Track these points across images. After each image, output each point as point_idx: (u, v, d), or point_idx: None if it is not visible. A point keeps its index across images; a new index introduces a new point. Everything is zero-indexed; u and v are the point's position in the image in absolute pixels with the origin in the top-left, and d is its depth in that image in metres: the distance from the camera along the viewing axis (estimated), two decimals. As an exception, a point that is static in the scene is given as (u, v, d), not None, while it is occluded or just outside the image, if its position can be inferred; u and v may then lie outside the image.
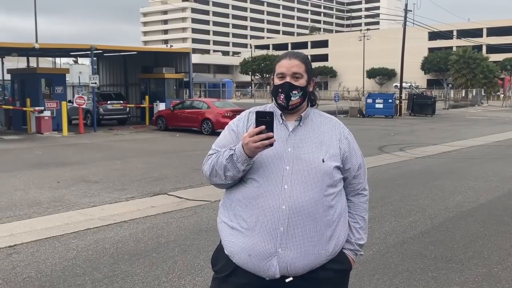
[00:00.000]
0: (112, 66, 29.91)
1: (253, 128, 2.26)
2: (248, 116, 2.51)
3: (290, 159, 2.36)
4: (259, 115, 2.29)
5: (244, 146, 2.28)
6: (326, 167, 2.38)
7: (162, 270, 5.10)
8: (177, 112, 22.12)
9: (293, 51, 2.51)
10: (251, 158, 2.31)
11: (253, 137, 2.24)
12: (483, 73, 59.10)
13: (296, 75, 2.42)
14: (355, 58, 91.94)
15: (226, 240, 2.43)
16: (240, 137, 2.37)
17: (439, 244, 5.94)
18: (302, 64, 2.44)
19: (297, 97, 2.41)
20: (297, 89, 2.41)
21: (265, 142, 2.23)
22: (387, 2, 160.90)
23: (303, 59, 2.46)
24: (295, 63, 2.43)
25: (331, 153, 2.42)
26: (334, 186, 2.42)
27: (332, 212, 2.40)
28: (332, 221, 2.41)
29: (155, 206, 8.00)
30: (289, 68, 2.42)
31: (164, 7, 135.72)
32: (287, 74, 2.42)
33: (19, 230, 6.59)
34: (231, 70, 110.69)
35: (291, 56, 2.45)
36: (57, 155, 14.44)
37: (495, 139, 18.63)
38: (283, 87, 2.41)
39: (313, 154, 2.38)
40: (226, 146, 2.42)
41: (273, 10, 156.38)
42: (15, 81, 24.09)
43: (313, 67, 2.58)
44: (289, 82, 2.41)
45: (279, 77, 2.44)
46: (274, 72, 2.49)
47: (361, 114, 33.26)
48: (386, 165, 12.31)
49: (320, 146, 2.42)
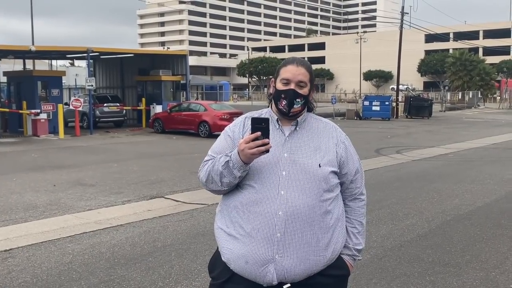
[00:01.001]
0: (108, 69, 29.87)
1: (249, 135, 2.25)
2: (244, 121, 2.50)
3: (287, 164, 2.35)
4: (255, 121, 2.28)
5: (240, 153, 2.27)
6: (322, 172, 2.37)
7: (158, 274, 5.07)
8: (174, 115, 22.09)
9: (299, 59, 2.49)
10: (247, 164, 2.30)
11: (249, 143, 2.23)
12: (479, 75, 59.18)
13: (301, 84, 2.41)
14: (352, 61, 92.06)
15: (223, 247, 2.42)
16: (236, 143, 2.36)
17: (436, 247, 5.92)
18: (307, 73, 2.44)
19: (299, 105, 2.41)
20: (300, 97, 2.40)
21: (261, 148, 2.22)
22: (384, 4, 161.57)
23: (309, 68, 2.46)
24: (301, 71, 2.42)
25: (327, 158, 2.41)
26: (331, 191, 2.40)
27: (329, 217, 2.39)
28: (330, 226, 2.39)
29: (152, 210, 7.97)
30: (295, 75, 2.40)
31: (161, 9, 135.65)
32: (292, 81, 2.40)
33: (15, 234, 6.55)
34: (228, 72, 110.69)
35: (298, 63, 2.43)
36: (53, 158, 14.39)
37: (492, 142, 18.66)
38: (287, 93, 2.39)
39: (309, 159, 2.37)
40: (222, 152, 2.41)
41: (270, 13, 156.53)
42: (11, 83, 24.04)
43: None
44: (294, 89, 2.39)
45: (284, 82, 2.42)
46: (277, 75, 2.46)
47: (358, 116, 33.28)
48: (383, 167, 12.30)
49: (316, 151, 2.41)
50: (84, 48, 22.87)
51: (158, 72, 26.04)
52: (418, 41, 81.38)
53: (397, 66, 37.97)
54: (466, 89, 58.17)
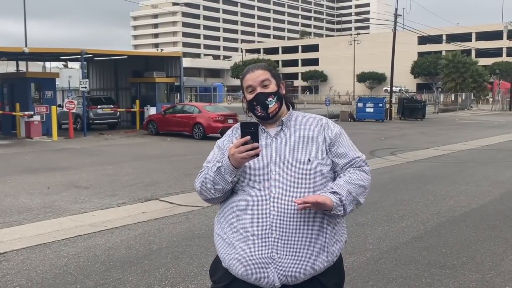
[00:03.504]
0: (102, 70, 29.78)
1: (239, 139, 2.28)
2: (232, 132, 2.56)
3: (276, 163, 2.37)
4: (244, 126, 2.32)
5: (230, 157, 2.30)
6: (312, 166, 2.37)
7: (154, 277, 5.04)
8: (168, 117, 22.04)
9: (253, 65, 2.54)
10: (238, 169, 2.33)
11: (239, 148, 2.26)
12: (472, 77, 59.43)
13: (264, 83, 2.45)
14: (346, 62, 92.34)
15: (222, 253, 2.43)
16: (226, 153, 2.39)
17: (432, 249, 5.93)
18: (265, 71, 2.48)
19: (273, 103, 2.43)
20: (270, 95, 2.43)
21: (250, 152, 2.25)
22: (377, 6, 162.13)
23: (264, 67, 2.51)
24: (258, 73, 2.46)
25: (316, 151, 2.41)
26: (325, 184, 2.38)
27: (324, 213, 2.35)
28: (326, 223, 2.38)
29: (147, 212, 7.94)
30: (255, 79, 2.45)
31: (154, 11, 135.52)
32: (255, 86, 2.45)
33: (9, 237, 6.51)
34: (222, 74, 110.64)
35: (253, 68, 2.50)
36: (47, 160, 14.32)
37: (485, 143, 18.74)
38: (256, 98, 2.43)
39: (298, 155, 2.38)
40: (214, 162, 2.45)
41: (263, 15, 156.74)
42: (4, 85, 23.87)
43: (303, 71, 2.61)
44: (260, 92, 2.43)
45: (249, 91, 2.47)
46: (243, 90, 2.51)
47: (352, 118, 33.35)
48: (377, 169, 12.30)
49: (304, 146, 2.41)
50: (77, 50, 22.79)
51: (152, 74, 25.99)
52: (411, 43, 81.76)
53: (391, 67, 38.07)
54: (459, 91, 58.36)
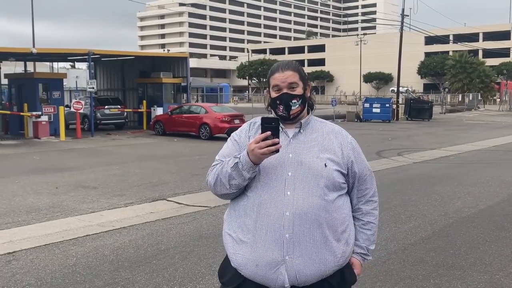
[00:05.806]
0: (109, 71, 29.87)
1: (259, 135, 2.25)
2: (249, 126, 2.52)
3: (292, 165, 2.35)
4: (265, 121, 2.29)
5: (249, 153, 2.26)
6: (328, 171, 2.36)
7: (163, 277, 5.07)
8: (174, 117, 22.09)
9: (283, 62, 2.50)
10: (257, 165, 2.29)
11: (259, 143, 2.22)
12: (479, 77, 59.19)
13: (292, 85, 2.42)
14: (352, 63, 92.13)
15: (231, 253, 2.41)
16: (243, 147, 2.37)
17: (440, 250, 5.92)
18: (295, 73, 2.43)
19: (297, 106, 2.41)
20: (296, 97, 2.41)
21: (271, 148, 2.22)
22: (384, 6, 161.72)
23: (295, 68, 2.46)
24: (288, 74, 2.42)
25: (333, 158, 2.41)
26: (337, 191, 2.40)
27: (336, 217, 2.38)
28: (338, 226, 2.39)
29: (154, 212, 7.97)
30: (283, 81, 2.41)
31: (161, 11, 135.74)
32: (283, 87, 2.41)
33: (18, 237, 6.55)
34: (228, 75, 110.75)
35: (283, 68, 2.44)
36: (54, 160, 14.39)
37: (493, 144, 18.66)
38: (281, 98, 2.41)
39: (315, 159, 2.37)
40: (230, 156, 2.41)
41: (270, 15, 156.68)
42: (12, 86, 24.03)
43: (310, 72, 2.59)
44: (287, 92, 2.40)
45: (275, 90, 2.44)
46: (269, 85, 2.49)
47: (358, 118, 33.30)
48: (384, 170, 12.29)
49: (321, 151, 2.40)
50: (85, 50, 22.86)
51: (159, 75, 26.05)
52: (418, 43, 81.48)
53: (398, 68, 37.97)
54: (466, 91, 58.15)
